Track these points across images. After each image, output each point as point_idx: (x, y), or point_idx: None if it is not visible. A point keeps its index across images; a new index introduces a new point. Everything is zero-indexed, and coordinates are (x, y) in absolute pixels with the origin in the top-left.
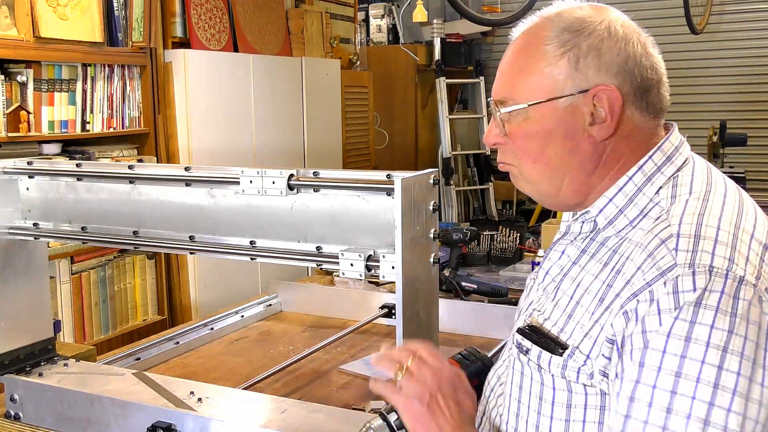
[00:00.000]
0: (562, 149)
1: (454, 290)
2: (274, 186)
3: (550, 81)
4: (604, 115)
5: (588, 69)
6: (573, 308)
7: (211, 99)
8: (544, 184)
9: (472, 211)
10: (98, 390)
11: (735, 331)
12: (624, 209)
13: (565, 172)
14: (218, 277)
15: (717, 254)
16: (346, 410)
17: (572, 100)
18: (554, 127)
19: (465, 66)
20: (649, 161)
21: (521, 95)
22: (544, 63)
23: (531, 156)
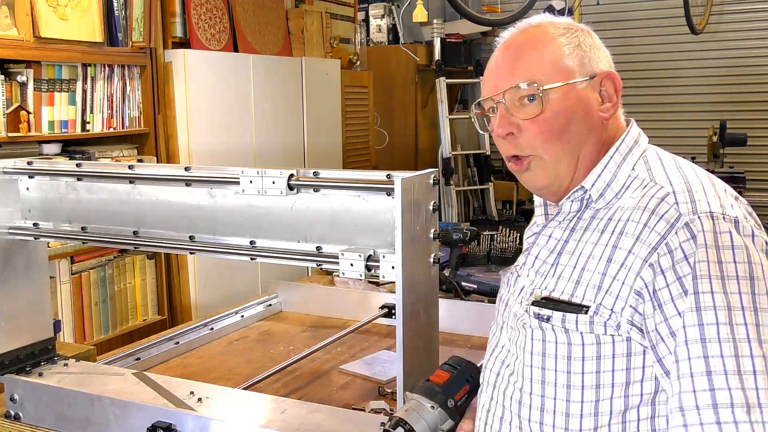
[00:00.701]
0: (582, 126)
1: (454, 290)
2: (274, 186)
3: (569, 67)
4: (610, 95)
5: (592, 58)
6: (579, 275)
7: (211, 99)
8: (564, 164)
9: (472, 211)
10: (98, 390)
11: (752, 260)
12: (610, 183)
13: (578, 150)
14: (218, 277)
15: (711, 203)
16: (346, 410)
17: (587, 83)
18: (576, 106)
19: (465, 66)
20: (623, 144)
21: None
22: (560, 53)
23: (555, 135)
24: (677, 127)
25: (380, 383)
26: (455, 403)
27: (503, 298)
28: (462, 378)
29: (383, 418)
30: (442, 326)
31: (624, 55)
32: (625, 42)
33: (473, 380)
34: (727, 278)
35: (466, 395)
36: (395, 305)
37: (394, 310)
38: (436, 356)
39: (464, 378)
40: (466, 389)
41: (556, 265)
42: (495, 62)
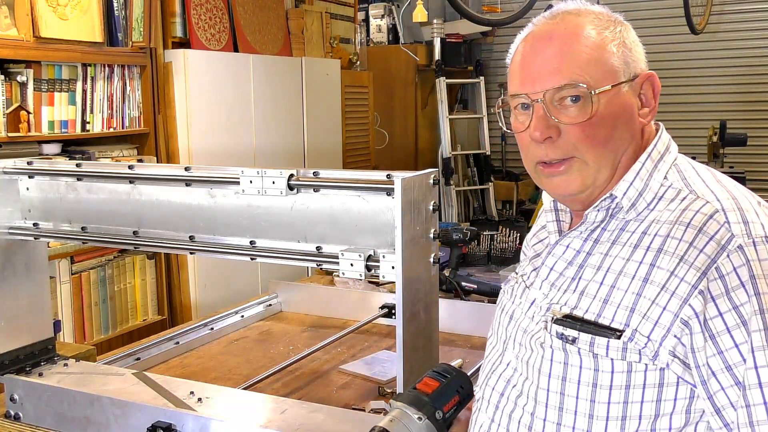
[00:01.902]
0: (625, 132)
1: (454, 290)
2: (274, 186)
3: (614, 67)
4: (648, 99)
5: (633, 58)
6: (608, 293)
7: (211, 99)
8: (605, 171)
9: (472, 211)
10: (98, 390)
11: None
12: (642, 192)
13: (619, 156)
14: (218, 277)
15: (766, 225)
16: (346, 410)
17: (629, 86)
18: (621, 111)
19: (465, 66)
20: (655, 149)
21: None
22: (605, 52)
23: (600, 141)
24: (677, 127)
25: (380, 383)
26: (443, 414)
27: (507, 310)
28: (452, 388)
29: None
30: (442, 326)
31: None
32: None
33: (463, 391)
34: None
35: (455, 407)
36: (395, 305)
37: (394, 310)
38: (436, 356)
39: (454, 388)
40: (456, 400)
41: (578, 279)
42: (531, 53)
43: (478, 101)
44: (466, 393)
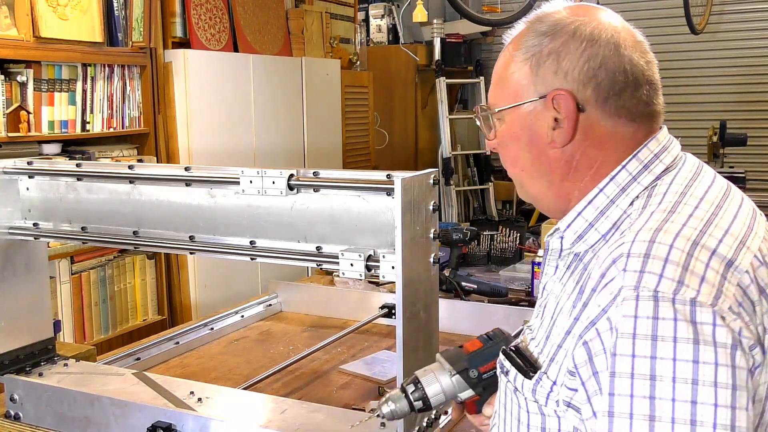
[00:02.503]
0: (530, 154)
1: (454, 290)
2: (274, 186)
3: (516, 87)
4: (562, 120)
5: (547, 73)
6: (550, 328)
7: (211, 99)
8: (527, 187)
9: (472, 211)
10: (98, 390)
11: (701, 360)
12: (594, 223)
13: (541, 177)
14: (218, 277)
15: (665, 276)
16: (346, 410)
17: (534, 105)
18: (521, 132)
19: (465, 66)
20: (623, 171)
21: (496, 101)
22: (512, 68)
23: (509, 161)
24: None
25: (380, 383)
26: (479, 374)
27: None
28: (494, 351)
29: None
30: (442, 326)
31: None
32: None
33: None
34: (660, 379)
35: (494, 369)
36: (395, 305)
37: (394, 310)
38: None
39: (496, 352)
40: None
41: (543, 308)
42: None
43: (478, 101)
44: None
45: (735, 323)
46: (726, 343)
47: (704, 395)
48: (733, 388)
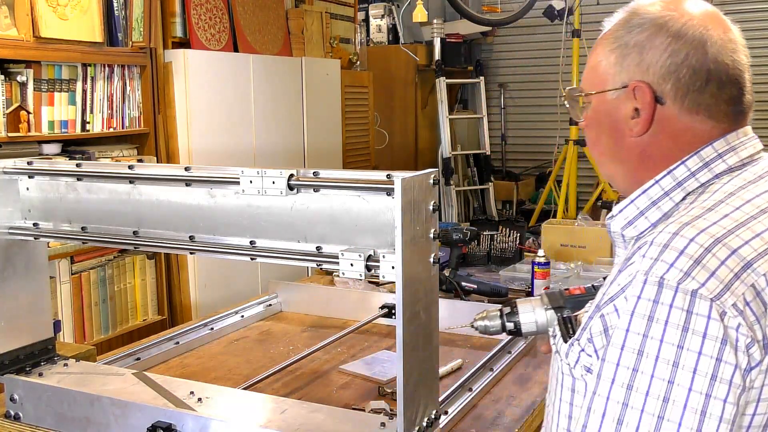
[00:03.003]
0: (609, 139)
1: (454, 290)
2: (274, 186)
3: (603, 74)
4: (640, 111)
5: (630, 64)
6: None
7: (211, 99)
8: (604, 168)
9: (472, 211)
10: (98, 390)
11: (686, 346)
12: (645, 211)
13: (617, 162)
14: (218, 277)
15: (675, 266)
16: (346, 410)
17: (617, 94)
18: (604, 117)
19: (465, 66)
20: (682, 166)
21: (585, 86)
22: (601, 56)
23: (590, 142)
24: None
25: (380, 383)
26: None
27: None
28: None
29: (383, 418)
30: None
31: None
32: None
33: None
34: (645, 355)
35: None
36: (395, 305)
37: (394, 310)
38: (436, 356)
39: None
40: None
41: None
42: None
43: (478, 101)
44: None
45: (734, 320)
46: (717, 336)
47: (681, 378)
48: (712, 378)
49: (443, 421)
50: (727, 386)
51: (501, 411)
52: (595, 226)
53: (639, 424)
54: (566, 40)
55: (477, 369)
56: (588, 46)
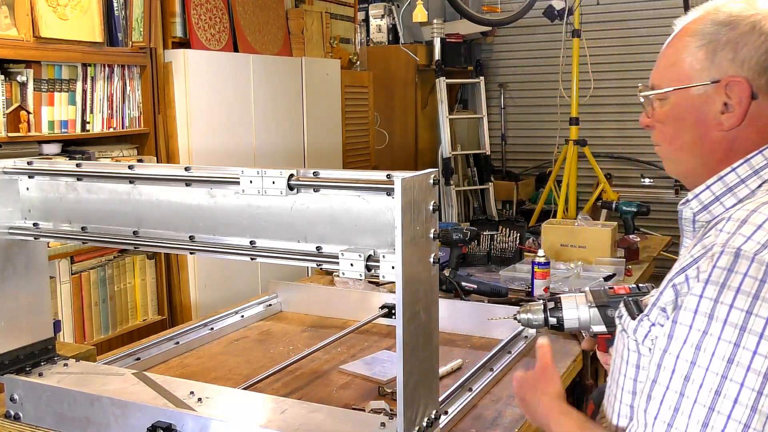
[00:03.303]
0: (692, 134)
1: (454, 290)
2: (274, 186)
3: (687, 70)
4: (733, 105)
5: (723, 60)
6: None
7: (211, 99)
8: (680, 164)
9: (472, 211)
10: (98, 390)
11: (755, 312)
12: (721, 197)
13: (697, 157)
14: (218, 277)
15: (752, 239)
16: (346, 410)
17: (705, 89)
18: (687, 113)
19: (465, 66)
20: (759, 155)
21: (664, 82)
22: (685, 53)
23: (668, 138)
24: None
25: (380, 383)
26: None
27: None
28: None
29: (383, 418)
30: (442, 326)
31: (624, 55)
32: (625, 42)
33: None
34: (715, 319)
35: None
36: (395, 305)
37: (394, 310)
38: (436, 356)
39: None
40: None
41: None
42: None
43: (478, 101)
44: None
45: None
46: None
47: (748, 342)
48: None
49: (443, 421)
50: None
51: (501, 411)
52: (595, 226)
53: (703, 382)
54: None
55: (477, 369)
56: (588, 46)
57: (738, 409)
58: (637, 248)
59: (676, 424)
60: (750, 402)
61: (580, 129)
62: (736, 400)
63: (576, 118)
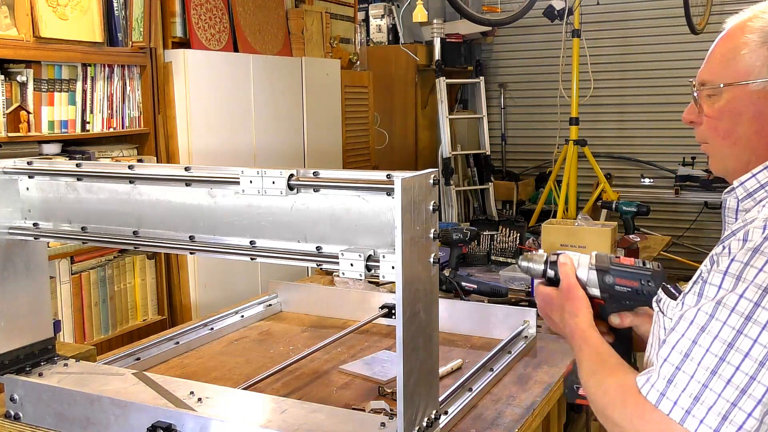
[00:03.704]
0: (750, 129)
1: (454, 290)
2: (274, 186)
3: (747, 66)
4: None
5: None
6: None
7: (211, 99)
8: (731, 161)
9: (472, 211)
10: (98, 390)
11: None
12: (766, 185)
13: (752, 150)
14: (218, 277)
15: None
16: (346, 410)
17: (765, 85)
18: (745, 108)
19: (465, 66)
20: None
21: (719, 77)
22: (745, 49)
23: (721, 134)
24: (677, 127)
25: (380, 383)
26: (613, 283)
27: None
28: (637, 274)
29: (383, 418)
30: (442, 326)
31: (624, 55)
32: (625, 42)
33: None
34: (742, 280)
35: (629, 289)
36: (395, 305)
37: (394, 310)
38: (436, 356)
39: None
40: (634, 285)
41: None
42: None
43: (478, 101)
44: (649, 289)
45: None
46: None
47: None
48: None
49: (443, 421)
50: None
51: (501, 411)
52: (595, 226)
53: (718, 334)
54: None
55: (477, 369)
56: (588, 46)
57: (747, 362)
58: (637, 248)
59: (684, 368)
60: (760, 357)
61: (580, 129)
62: (747, 354)
63: (576, 118)
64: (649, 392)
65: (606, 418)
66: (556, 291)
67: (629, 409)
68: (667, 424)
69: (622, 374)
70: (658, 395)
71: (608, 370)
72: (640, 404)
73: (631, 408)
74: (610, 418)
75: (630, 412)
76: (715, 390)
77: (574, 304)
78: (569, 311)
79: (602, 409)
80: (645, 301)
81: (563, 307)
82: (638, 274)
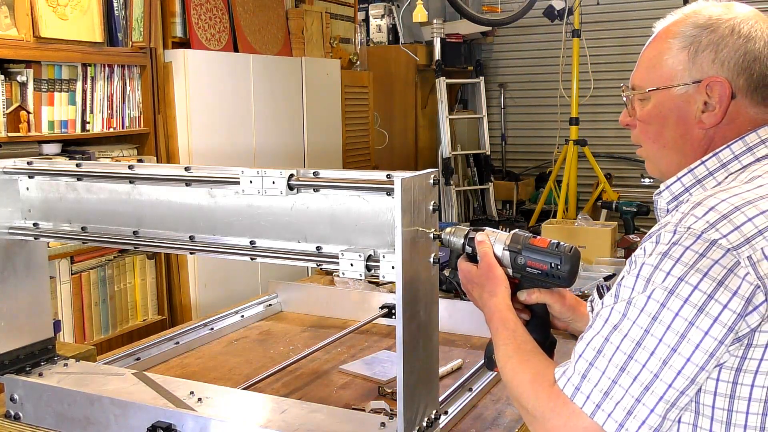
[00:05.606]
0: (676, 132)
1: (454, 290)
2: (274, 186)
3: (670, 70)
4: (713, 104)
5: (704, 62)
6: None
7: (211, 99)
8: (663, 163)
9: (472, 211)
10: (98, 390)
11: (686, 279)
12: (690, 188)
13: (678, 153)
14: (218, 277)
15: (703, 219)
16: (346, 410)
17: (687, 89)
18: (669, 111)
19: (465, 66)
20: (727, 149)
21: (647, 82)
22: (667, 54)
23: (651, 137)
24: None
25: (380, 383)
26: (524, 264)
27: None
28: (549, 257)
29: (383, 418)
30: (442, 326)
31: (624, 55)
32: (625, 42)
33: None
34: (651, 282)
35: (539, 270)
36: (395, 305)
37: (394, 310)
38: (436, 356)
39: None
40: (544, 269)
41: None
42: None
43: (478, 101)
44: (559, 273)
45: (743, 270)
46: (716, 277)
47: (673, 304)
48: (699, 310)
49: (443, 421)
50: (710, 321)
51: (501, 411)
52: (595, 226)
53: (628, 332)
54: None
55: (477, 369)
56: (588, 46)
57: (652, 361)
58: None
59: (597, 364)
60: (663, 356)
61: (580, 129)
62: (653, 352)
63: (576, 118)
64: (566, 386)
65: (519, 405)
66: (476, 268)
67: (542, 400)
68: (578, 416)
69: (536, 362)
70: (573, 389)
71: (524, 357)
72: (554, 396)
73: (544, 399)
74: (524, 407)
75: (543, 404)
76: (623, 386)
77: (493, 284)
78: (488, 290)
79: (517, 396)
80: (558, 284)
81: (483, 285)
82: (549, 258)
